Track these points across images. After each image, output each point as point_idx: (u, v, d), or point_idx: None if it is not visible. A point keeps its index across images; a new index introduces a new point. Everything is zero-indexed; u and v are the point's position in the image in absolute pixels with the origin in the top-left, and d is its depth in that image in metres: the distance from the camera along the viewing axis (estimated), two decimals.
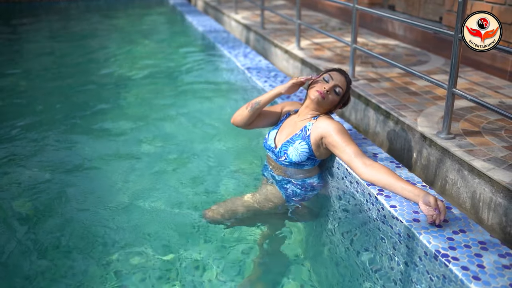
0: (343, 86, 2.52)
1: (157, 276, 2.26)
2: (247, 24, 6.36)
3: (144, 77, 5.44)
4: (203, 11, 9.45)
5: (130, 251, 2.42)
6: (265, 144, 2.68)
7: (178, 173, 3.19)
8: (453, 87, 2.48)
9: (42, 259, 2.38)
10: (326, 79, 2.51)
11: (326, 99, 2.48)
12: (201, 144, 3.57)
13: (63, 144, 3.68)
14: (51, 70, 5.96)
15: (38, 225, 2.63)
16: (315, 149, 2.46)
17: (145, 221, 2.65)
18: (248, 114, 2.65)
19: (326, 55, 4.50)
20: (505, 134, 2.60)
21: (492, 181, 2.13)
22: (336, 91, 2.50)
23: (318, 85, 2.50)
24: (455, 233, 1.91)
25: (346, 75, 2.57)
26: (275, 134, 2.64)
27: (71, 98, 4.77)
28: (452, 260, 1.74)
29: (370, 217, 2.28)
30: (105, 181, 3.10)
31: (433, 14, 4.93)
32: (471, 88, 3.39)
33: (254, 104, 2.63)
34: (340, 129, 2.40)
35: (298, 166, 2.52)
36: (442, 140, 2.53)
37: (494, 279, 1.65)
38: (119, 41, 7.56)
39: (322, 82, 2.51)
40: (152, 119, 4.14)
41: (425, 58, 4.27)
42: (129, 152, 3.50)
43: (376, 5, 5.91)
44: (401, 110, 2.98)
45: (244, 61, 5.01)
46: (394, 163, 2.55)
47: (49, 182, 3.08)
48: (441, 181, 2.50)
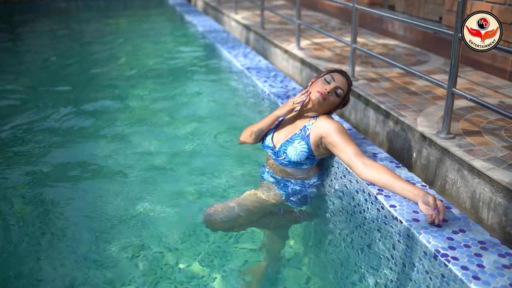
0: (344, 87, 2.52)
1: (157, 277, 2.25)
2: (247, 24, 6.36)
3: (144, 77, 5.44)
4: (203, 11, 9.45)
5: (130, 251, 2.41)
6: (263, 143, 2.68)
7: (178, 173, 3.18)
8: (453, 87, 2.48)
9: (42, 259, 2.38)
10: (327, 80, 2.50)
11: (327, 100, 2.47)
12: (200, 144, 3.57)
13: (62, 144, 3.68)
14: (50, 70, 5.96)
15: (37, 225, 2.63)
16: (314, 148, 2.46)
17: (144, 221, 2.65)
18: (254, 141, 2.70)
19: (325, 55, 4.49)
20: (505, 133, 2.60)
21: (492, 181, 2.13)
22: (337, 93, 2.49)
23: (319, 86, 2.49)
24: (454, 232, 1.91)
25: (347, 77, 2.57)
26: (272, 133, 2.63)
27: (70, 97, 4.76)
28: (452, 260, 1.74)
29: (370, 217, 2.27)
30: (104, 181, 3.10)
31: (433, 14, 4.93)
32: (471, 88, 3.39)
33: (257, 132, 2.65)
34: (340, 129, 2.39)
35: (297, 166, 2.52)
36: (442, 140, 2.53)
37: (494, 279, 1.64)
38: (118, 41, 7.55)
39: (323, 83, 2.50)
40: (151, 119, 4.13)
41: (425, 58, 4.27)
42: (128, 152, 3.49)
43: (376, 5, 5.90)
44: (401, 110, 2.98)
45: (244, 61, 5.01)
46: (393, 163, 2.54)
47: (48, 182, 3.08)
48: (441, 181, 2.50)
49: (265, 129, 2.64)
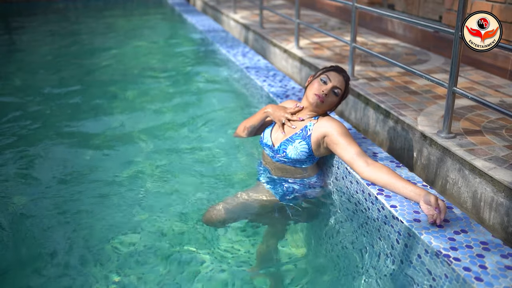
0: (342, 86, 2.47)
1: (156, 279, 2.23)
2: (246, 23, 6.34)
3: (142, 77, 5.42)
4: (202, 11, 9.43)
5: (129, 251, 2.40)
6: (261, 141, 2.66)
7: (177, 172, 3.16)
8: (453, 86, 2.46)
9: (41, 259, 2.36)
10: (323, 80, 2.45)
11: (325, 102, 2.44)
12: (199, 144, 3.55)
13: (61, 144, 3.65)
14: (49, 69, 5.93)
15: (35, 225, 2.61)
16: (315, 148, 2.44)
17: (144, 222, 2.63)
18: (247, 135, 2.78)
19: (325, 54, 4.47)
20: (506, 133, 2.57)
21: (494, 181, 2.11)
22: (334, 92, 2.45)
23: (315, 87, 2.43)
24: (456, 233, 1.89)
25: (343, 73, 2.51)
26: (270, 131, 2.61)
27: (69, 97, 4.74)
28: (454, 261, 1.72)
29: (370, 217, 2.25)
30: (103, 181, 3.08)
31: (433, 13, 4.91)
32: (472, 87, 3.37)
33: (250, 128, 2.72)
34: (343, 129, 2.39)
35: (296, 164, 2.49)
36: (443, 139, 2.50)
37: (496, 280, 1.62)
38: (117, 41, 7.53)
39: (320, 83, 2.44)
40: (150, 119, 4.11)
41: (425, 57, 4.25)
42: (127, 152, 3.47)
43: (376, 4, 5.89)
44: (401, 109, 2.96)
45: (243, 60, 4.99)
46: (394, 162, 2.53)
47: (47, 182, 3.06)
48: (441, 180, 2.48)
49: (257, 126, 2.70)
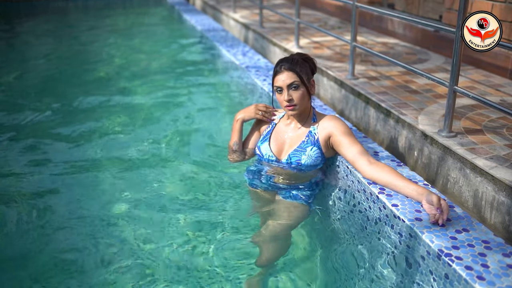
0: (295, 77, 2.30)
1: (156, 282, 2.23)
2: (246, 23, 6.33)
3: (141, 76, 5.41)
4: (202, 10, 9.42)
5: (129, 251, 2.39)
6: (261, 158, 2.56)
7: (177, 172, 3.16)
8: (454, 85, 2.46)
9: (41, 259, 2.35)
10: (278, 90, 2.34)
11: (298, 105, 2.35)
12: (199, 143, 3.55)
13: (60, 144, 3.65)
14: (49, 69, 5.93)
15: (34, 225, 2.60)
16: (325, 150, 2.46)
17: (143, 223, 2.63)
18: (237, 158, 2.65)
19: (325, 54, 4.47)
20: (507, 132, 2.57)
21: (495, 180, 2.11)
22: (294, 87, 2.32)
23: (280, 100, 2.36)
24: (458, 232, 1.89)
25: (290, 61, 2.32)
26: (268, 145, 2.53)
27: (69, 97, 4.73)
28: (456, 260, 1.72)
29: (372, 217, 2.25)
30: (102, 181, 3.08)
31: (433, 12, 4.91)
32: (472, 86, 3.36)
33: (234, 146, 2.61)
34: (345, 128, 2.40)
35: (310, 168, 2.48)
36: (444, 138, 2.50)
37: (498, 279, 1.62)
38: (117, 40, 7.53)
39: (279, 95, 2.36)
40: (150, 119, 4.11)
41: (425, 57, 4.25)
42: (126, 152, 3.47)
43: (376, 3, 5.88)
44: (401, 108, 2.96)
45: (242, 59, 4.99)
46: (395, 161, 2.52)
47: (47, 182, 3.05)
48: (442, 179, 2.48)
49: (239, 140, 2.61)
